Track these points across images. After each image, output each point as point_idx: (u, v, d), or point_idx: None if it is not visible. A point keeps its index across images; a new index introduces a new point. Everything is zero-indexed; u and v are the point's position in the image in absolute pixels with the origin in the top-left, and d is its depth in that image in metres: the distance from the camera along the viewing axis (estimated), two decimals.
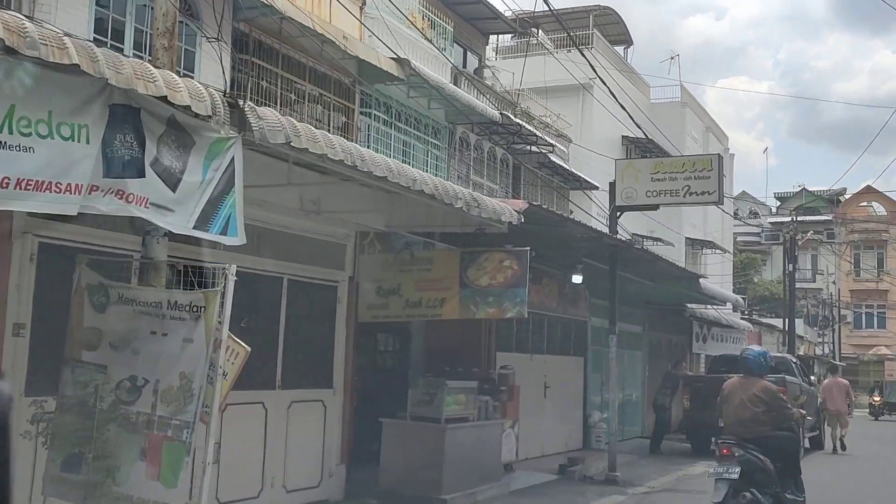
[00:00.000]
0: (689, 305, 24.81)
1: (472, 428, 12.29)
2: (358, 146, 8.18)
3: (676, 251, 32.70)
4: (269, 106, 12.75)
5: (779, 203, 76.65)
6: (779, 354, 23.81)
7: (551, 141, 28.76)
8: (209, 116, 6.18)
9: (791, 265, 34.96)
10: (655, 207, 15.81)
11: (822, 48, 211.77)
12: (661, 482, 15.05)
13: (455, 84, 22.35)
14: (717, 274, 42.75)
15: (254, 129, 6.65)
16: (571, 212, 23.34)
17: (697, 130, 43.39)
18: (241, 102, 6.70)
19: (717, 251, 43.32)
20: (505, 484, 13.16)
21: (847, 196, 70.86)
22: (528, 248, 11.29)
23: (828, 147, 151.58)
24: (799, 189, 76.97)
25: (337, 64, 16.37)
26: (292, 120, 7.24)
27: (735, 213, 71.82)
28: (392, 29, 18.78)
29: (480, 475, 12.32)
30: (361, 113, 18.56)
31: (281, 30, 15.05)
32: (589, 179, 30.47)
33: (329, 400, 11.40)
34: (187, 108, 6.00)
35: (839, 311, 60.99)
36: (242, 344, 6.42)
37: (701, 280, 19.01)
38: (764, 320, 44.87)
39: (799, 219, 61.36)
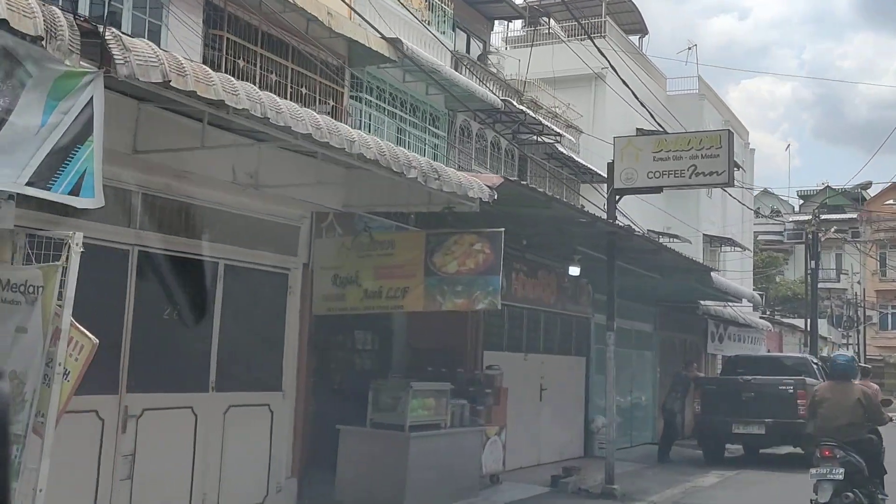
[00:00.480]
0: (702, 303, 23.23)
1: (444, 436, 10.84)
2: (276, 98, 6.73)
3: (693, 248, 31.11)
4: None
5: (802, 201, 74.64)
6: (797, 355, 22.20)
7: (559, 130, 27.28)
8: (39, 38, 4.75)
9: (813, 261, 33.29)
10: (658, 190, 14.28)
11: (847, 48, 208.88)
12: (664, 496, 13.51)
13: (456, 70, 20.93)
14: (736, 271, 41.17)
15: (117, 62, 5.22)
16: (583, 206, 21.88)
17: (716, 124, 41.69)
18: (102, 28, 5.27)
19: (737, 249, 41.68)
20: (485, 499, 11.69)
21: (872, 193, 68.80)
22: (503, 229, 9.80)
23: (854, 148, 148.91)
24: (822, 186, 75.11)
25: (324, 44, 15.00)
26: (177, 56, 5.80)
27: (756, 212, 70.14)
28: (385, 8, 17.39)
29: (453, 489, 10.86)
30: (351, 97, 17.18)
31: (261, 3, 13.68)
32: (600, 172, 29.03)
33: (277, 404, 9.96)
34: (3, 22, 4.58)
35: (864, 312, 59.11)
36: (89, 335, 4.98)
37: (713, 274, 17.46)
38: (785, 320, 43.09)
39: (822, 216, 59.54)
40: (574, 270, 15.38)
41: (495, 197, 9.48)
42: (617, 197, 14.09)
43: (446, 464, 10.74)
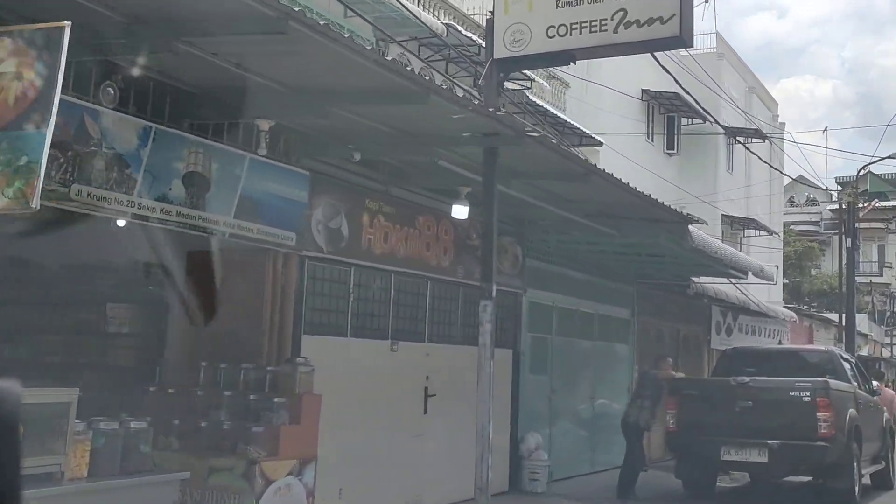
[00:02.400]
0: (695, 281, 17.58)
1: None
2: None
3: (710, 230, 25.45)
4: None
5: (839, 188, 68.54)
6: (821, 348, 16.41)
7: (527, 73, 21.65)
8: None
9: (849, 239, 27.48)
10: (568, 59, 8.78)
11: (888, 45, 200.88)
12: None
13: None
14: (763, 262, 35.35)
15: None
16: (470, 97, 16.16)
17: (738, 89, 35.79)
18: None
19: (762, 233, 35.92)
20: None
21: None
22: (68, 22, 4.33)
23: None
24: (864, 173, 68.94)
25: None
26: None
27: (790, 201, 64.07)
28: None
29: None
30: None
31: None
32: (591, 133, 23.58)
33: None
34: None
35: None
36: None
37: (691, 228, 11.90)
38: (819, 314, 37.26)
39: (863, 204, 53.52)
40: (459, 210, 9.90)
41: None
42: (501, 74, 8.60)
43: None
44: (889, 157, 29.24)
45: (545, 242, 13.69)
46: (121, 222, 6.89)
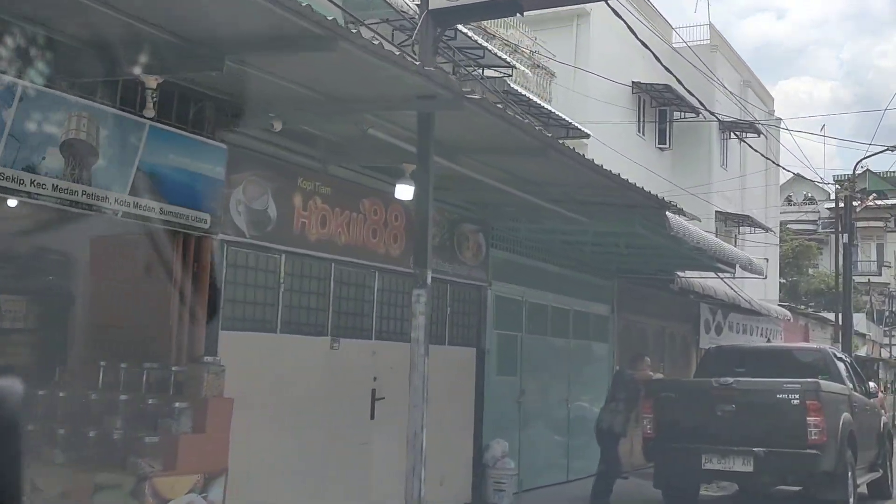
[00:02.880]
0: (680, 275, 16.48)
1: None
2: None
3: (703, 227, 24.32)
4: None
5: (838, 187, 67.56)
6: (812, 346, 15.30)
7: (507, 59, 20.65)
8: None
9: (846, 234, 26.40)
10: (515, 9, 7.68)
11: (886, 46, 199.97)
12: None
13: None
14: (758, 258, 34.30)
15: None
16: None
17: (732, 82, 34.73)
18: None
19: (758, 230, 34.91)
20: None
21: None
22: None
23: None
24: (862, 171, 67.86)
25: None
26: None
27: (788, 199, 63.03)
28: None
29: None
30: None
31: None
32: (578, 125, 22.57)
33: None
34: None
35: None
36: None
37: (669, 214, 10.80)
38: (815, 313, 36.19)
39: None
40: (403, 190, 8.81)
41: None
42: (438, 29, 7.50)
43: None
44: (887, 149, 28.16)
45: (514, 231, 12.62)
46: None
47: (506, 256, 12.51)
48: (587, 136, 23.13)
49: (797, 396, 10.54)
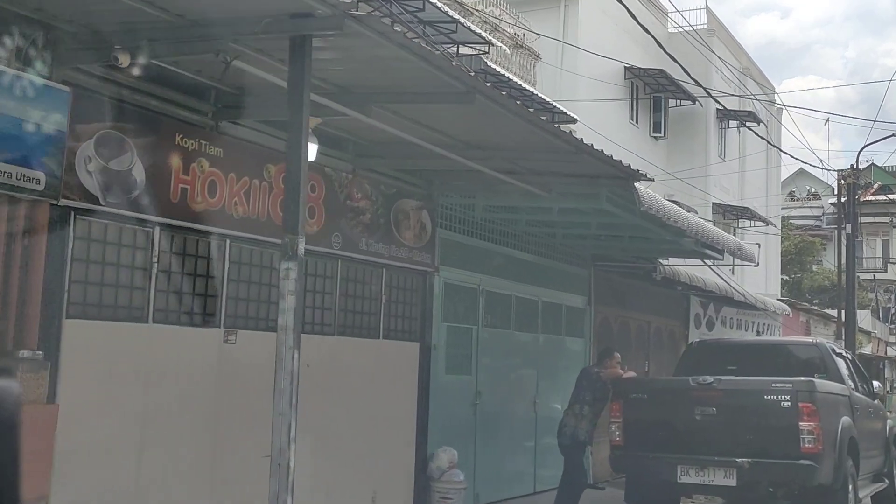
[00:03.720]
0: (664, 264, 14.90)
1: None
2: None
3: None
4: None
5: (840, 173, 66.20)
6: (807, 340, 13.65)
7: (485, 35, 19.10)
8: None
9: (849, 224, 24.84)
10: None
11: (891, 45, 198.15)
12: None
13: None
14: (759, 255, 32.85)
15: None
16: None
17: (731, 72, 33.18)
18: None
19: (758, 223, 33.42)
20: None
21: None
22: None
23: None
24: (867, 165, 66.44)
25: None
26: None
27: (791, 195, 61.48)
28: None
29: None
30: None
31: None
32: (564, 109, 21.03)
33: None
34: None
35: None
36: None
37: (639, 186, 9.18)
38: (817, 309, 34.65)
39: (868, 198, 51.10)
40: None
41: None
42: None
43: None
44: (893, 134, 26.58)
45: (468, 210, 11.08)
46: None
47: (458, 239, 10.96)
48: (574, 120, 21.60)
49: (788, 397, 8.96)
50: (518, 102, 7.56)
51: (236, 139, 7.73)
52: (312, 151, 7.09)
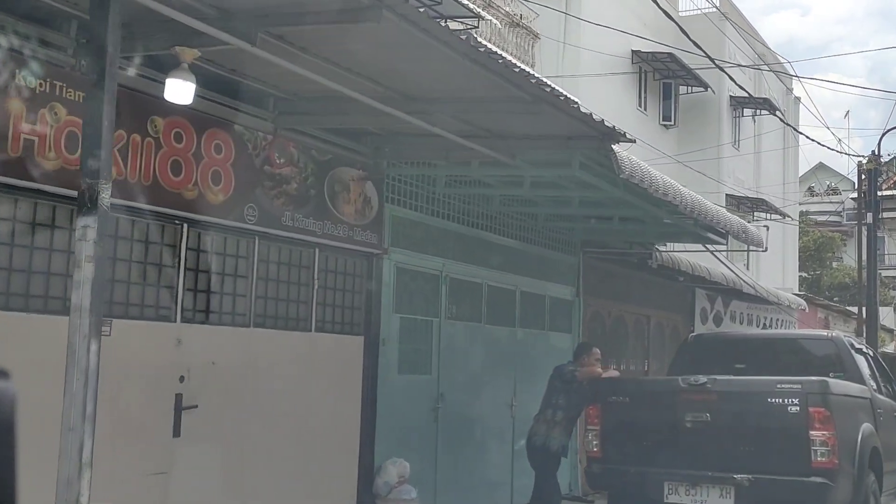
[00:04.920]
0: (661, 250, 13.33)
1: None
2: None
3: None
4: None
5: (861, 160, 64.59)
6: (821, 333, 11.97)
7: (472, 7, 17.64)
8: None
9: (870, 214, 23.18)
10: None
11: None
12: None
13: None
14: (776, 248, 31.43)
15: None
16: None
17: (744, 55, 31.63)
18: None
19: (774, 216, 31.92)
20: None
21: None
22: None
23: None
24: (889, 158, 64.69)
25: None
26: None
27: (810, 190, 59.75)
28: None
29: None
30: None
31: None
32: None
33: None
34: None
35: None
36: None
37: (618, 149, 7.63)
38: (836, 305, 33.02)
39: (890, 193, 49.51)
40: (177, 90, 5.74)
41: None
42: None
43: None
44: None
45: (428, 184, 9.58)
46: None
47: (414, 217, 9.45)
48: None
49: (797, 401, 7.40)
50: (444, 24, 6.04)
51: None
52: (188, 92, 5.64)
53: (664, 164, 19.90)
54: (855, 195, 56.82)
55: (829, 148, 49.39)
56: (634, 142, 7.88)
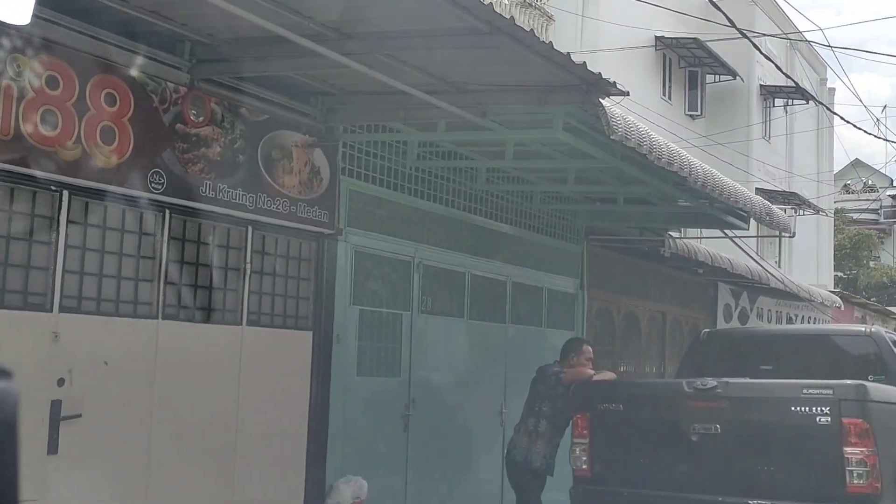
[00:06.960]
0: (673, 236, 11.88)
1: None
2: None
3: None
4: None
5: None
6: (857, 328, 10.35)
7: None
8: None
9: None
10: None
11: None
12: None
13: None
14: (810, 245, 29.98)
15: None
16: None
17: (776, 44, 30.01)
18: None
19: (806, 210, 30.40)
20: None
21: None
22: None
23: None
24: None
25: None
26: None
27: (846, 188, 57.93)
28: None
29: None
30: None
31: None
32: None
33: None
34: None
35: None
36: None
37: (606, 104, 6.26)
38: (874, 304, 31.46)
39: None
40: (13, 8, 4.43)
41: None
42: None
43: None
44: None
45: (396, 154, 8.22)
46: None
47: (378, 193, 8.10)
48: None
49: (828, 410, 5.95)
50: None
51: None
52: (26, 10, 4.34)
53: (690, 154, 18.56)
54: (893, 192, 54.90)
55: (866, 132, 47.35)
56: (628, 94, 6.47)
